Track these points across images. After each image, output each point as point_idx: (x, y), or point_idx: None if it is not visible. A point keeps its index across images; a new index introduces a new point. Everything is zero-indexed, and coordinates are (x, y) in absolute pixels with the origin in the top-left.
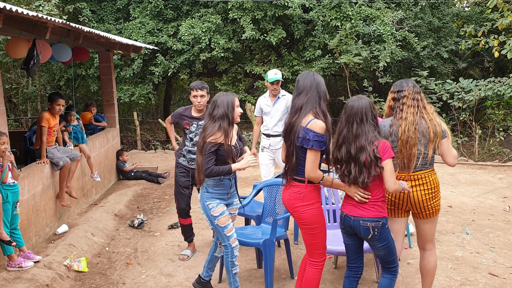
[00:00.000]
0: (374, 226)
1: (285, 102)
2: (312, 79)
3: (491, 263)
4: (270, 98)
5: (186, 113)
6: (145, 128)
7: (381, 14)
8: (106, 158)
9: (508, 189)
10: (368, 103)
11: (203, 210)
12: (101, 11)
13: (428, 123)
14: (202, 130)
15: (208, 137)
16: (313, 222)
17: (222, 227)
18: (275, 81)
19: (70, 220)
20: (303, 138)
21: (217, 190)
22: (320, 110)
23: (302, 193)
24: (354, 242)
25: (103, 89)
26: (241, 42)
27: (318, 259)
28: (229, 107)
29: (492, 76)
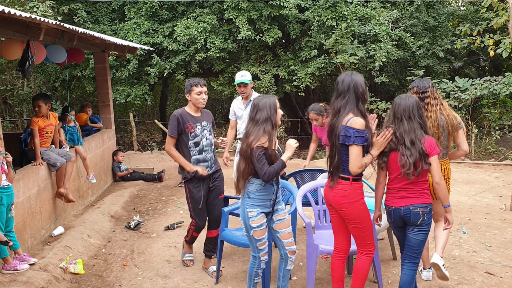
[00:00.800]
0: (423, 211)
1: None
2: (349, 81)
3: (487, 262)
4: (242, 101)
5: (185, 114)
6: (141, 129)
7: (377, 14)
8: (102, 160)
9: (504, 188)
10: (415, 102)
11: (242, 217)
12: (96, 12)
13: (446, 118)
14: (244, 136)
15: (254, 142)
16: (359, 217)
17: (256, 239)
18: (241, 83)
19: (66, 222)
20: (344, 136)
21: (259, 195)
22: (358, 110)
23: (347, 191)
24: (404, 233)
25: (98, 90)
26: (237, 42)
27: (368, 248)
28: (271, 110)
29: (488, 75)
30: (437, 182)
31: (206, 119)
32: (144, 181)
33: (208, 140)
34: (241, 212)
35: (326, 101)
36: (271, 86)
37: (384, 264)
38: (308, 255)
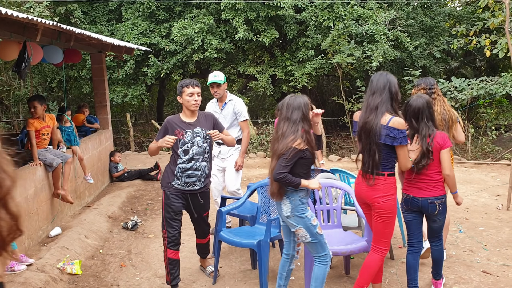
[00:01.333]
0: (439, 202)
1: (232, 107)
2: (385, 80)
3: (484, 261)
4: (218, 104)
5: (176, 120)
6: (138, 130)
7: (374, 14)
8: (99, 160)
9: (500, 187)
10: (425, 101)
11: (301, 224)
12: (93, 12)
13: (448, 112)
14: (279, 136)
15: (292, 142)
16: (390, 211)
17: (321, 234)
18: (213, 83)
19: (63, 223)
20: (386, 136)
21: (307, 198)
22: (393, 109)
23: (382, 185)
24: (417, 218)
25: (95, 90)
26: (234, 42)
27: (384, 246)
28: (306, 109)
29: (484, 75)
30: (447, 174)
31: (203, 125)
32: (141, 181)
33: (201, 148)
34: (298, 220)
35: (322, 101)
36: (268, 86)
37: None
38: (305, 255)
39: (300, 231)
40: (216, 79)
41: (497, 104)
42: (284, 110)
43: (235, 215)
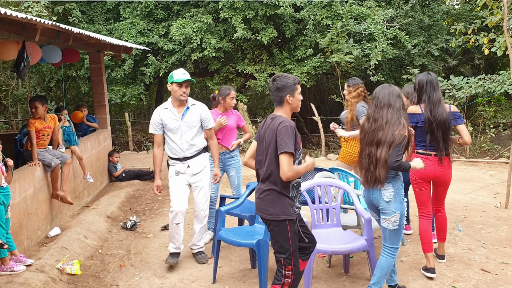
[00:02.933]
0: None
1: (198, 113)
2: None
3: (483, 259)
4: (176, 109)
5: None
6: (136, 129)
7: (372, 13)
8: (98, 160)
9: (499, 186)
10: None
11: (399, 210)
12: (91, 11)
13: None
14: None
15: (403, 130)
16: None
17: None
18: (184, 82)
19: (62, 223)
20: (453, 119)
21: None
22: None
23: (450, 163)
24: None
25: (94, 90)
26: (233, 41)
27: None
28: (402, 97)
29: (483, 73)
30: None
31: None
32: (140, 181)
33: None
34: (398, 206)
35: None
36: (266, 85)
37: None
38: None
39: (395, 217)
40: (188, 77)
41: (496, 102)
42: (386, 98)
43: (234, 214)
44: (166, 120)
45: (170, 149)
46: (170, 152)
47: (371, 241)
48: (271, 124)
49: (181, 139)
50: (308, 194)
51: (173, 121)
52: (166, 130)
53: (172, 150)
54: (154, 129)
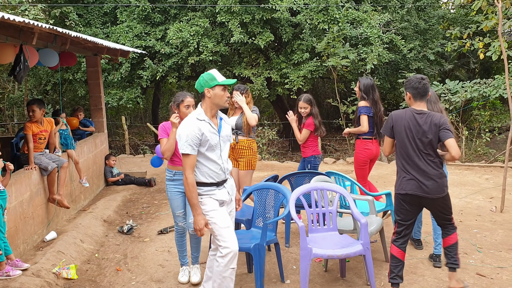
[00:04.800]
0: None
1: (230, 125)
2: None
3: (478, 263)
4: (212, 121)
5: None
6: (133, 132)
7: (368, 17)
8: (94, 164)
9: (494, 190)
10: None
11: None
12: (88, 15)
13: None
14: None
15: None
16: None
17: None
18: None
19: (59, 227)
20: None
21: None
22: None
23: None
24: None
25: (90, 93)
26: (230, 45)
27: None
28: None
29: (478, 77)
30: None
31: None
32: (136, 185)
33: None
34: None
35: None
36: (263, 89)
37: (376, 266)
38: (301, 259)
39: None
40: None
41: (491, 107)
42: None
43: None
44: (208, 134)
45: (205, 173)
46: (202, 176)
47: (368, 245)
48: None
49: (221, 158)
50: (305, 198)
51: (214, 135)
52: (203, 147)
53: (208, 173)
54: (191, 147)
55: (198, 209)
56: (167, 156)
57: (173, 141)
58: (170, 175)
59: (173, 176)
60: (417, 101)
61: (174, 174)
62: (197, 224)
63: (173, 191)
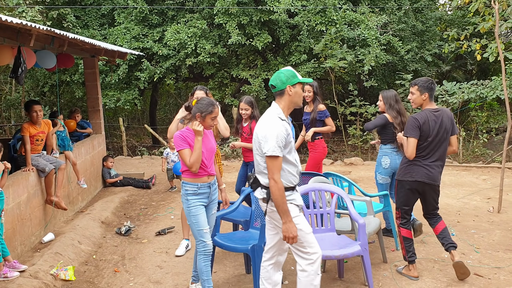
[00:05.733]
0: None
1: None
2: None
3: (476, 263)
4: (287, 119)
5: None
6: (131, 134)
7: (366, 19)
8: (92, 165)
9: (492, 190)
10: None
11: None
12: (86, 16)
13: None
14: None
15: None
16: None
17: None
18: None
19: (56, 228)
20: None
21: None
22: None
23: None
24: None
25: (88, 95)
26: (227, 47)
27: None
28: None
29: (475, 78)
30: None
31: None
32: (134, 186)
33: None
34: None
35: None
36: (261, 90)
37: (374, 267)
38: None
39: None
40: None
41: (488, 108)
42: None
43: (229, 219)
44: (291, 135)
45: (285, 176)
46: (285, 180)
47: (365, 246)
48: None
49: (296, 160)
50: (303, 199)
51: (289, 137)
52: (286, 149)
53: (288, 177)
54: (280, 149)
55: (289, 215)
56: (196, 169)
57: (200, 151)
58: (193, 189)
59: (197, 189)
60: (431, 101)
61: (199, 188)
62: (290, 231)
63: (198, 206)
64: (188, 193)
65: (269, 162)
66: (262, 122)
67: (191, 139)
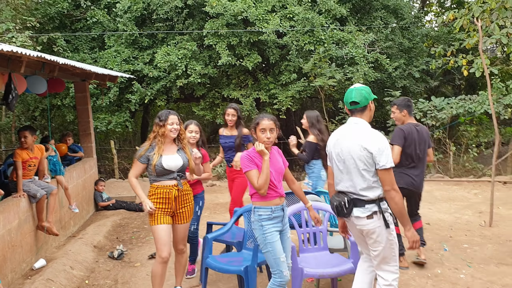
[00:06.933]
0: None
1: None
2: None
3: (469, 278)
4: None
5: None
6: (122, 156)
7: (353, 37)
8: (84, 189)
9: (483, 204)
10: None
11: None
12: (76, 40)
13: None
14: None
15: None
16: None
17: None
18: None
19: (48, 254)
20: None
21: None
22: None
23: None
24: None
25: (79, 119)
26: (218, 67)
27: None
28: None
29: (464, 93)
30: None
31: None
32: (126, 210)
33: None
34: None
35: None
36: (252, 109)
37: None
38: (293, 279)
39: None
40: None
41: (478, 122)
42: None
43: (222, 241)
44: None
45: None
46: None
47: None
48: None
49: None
50: (295, 218)
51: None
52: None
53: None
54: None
55: (409, 223)
56: (265, 191)
57: (268, 171)
58: (267, 213)
59: (272, 213)
60: (411, 116)
61: (273, 211)
62: (415, 236)
63: (273, 232)
64: (262, 218)
65: (387, 173)
66: (365, 135)
67: (259, 159)
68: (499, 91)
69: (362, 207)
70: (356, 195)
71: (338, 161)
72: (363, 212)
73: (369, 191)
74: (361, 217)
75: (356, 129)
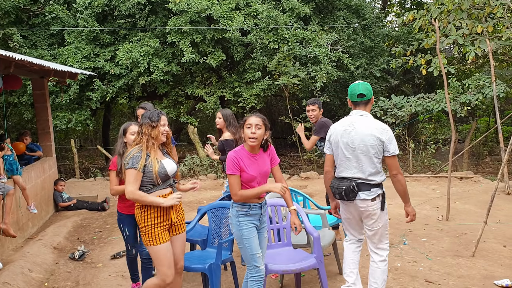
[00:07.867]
0: None
1: None
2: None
3: (427, 271)
4: None
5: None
6: (83, 155)
7: (316, 37)
8: (42, 189)
9: (440, 199)
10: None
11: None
12: (33, 36)
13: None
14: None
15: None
16: None
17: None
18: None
19: (4, 257)
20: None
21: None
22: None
23: None
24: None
25: (37, 117)
26: (181, 65)
27: None
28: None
29: (423, 91)
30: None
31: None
32: (87, 210)
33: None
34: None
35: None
36: (217, 107)
37: (331, 279)
38: None
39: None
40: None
41: (436, 119)
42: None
43: (186, 239)
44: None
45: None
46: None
47: (321, 259)
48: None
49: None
50: None
51: None
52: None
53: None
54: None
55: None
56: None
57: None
58: (245, 210)
59: (249, 210)
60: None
61: (250, 208)
62: (414, 211)
63: (251, 228)
64: (239, 214)
65: (394, 160)
66: (375, 126)
67: (245, 162)
68: (456, 90)
69: (368, 191)
70: (363, 180)
71: (346, 149)
72: (369, 195)
73: (376, 176)
74: (367, 199)
75: (366, 120)
